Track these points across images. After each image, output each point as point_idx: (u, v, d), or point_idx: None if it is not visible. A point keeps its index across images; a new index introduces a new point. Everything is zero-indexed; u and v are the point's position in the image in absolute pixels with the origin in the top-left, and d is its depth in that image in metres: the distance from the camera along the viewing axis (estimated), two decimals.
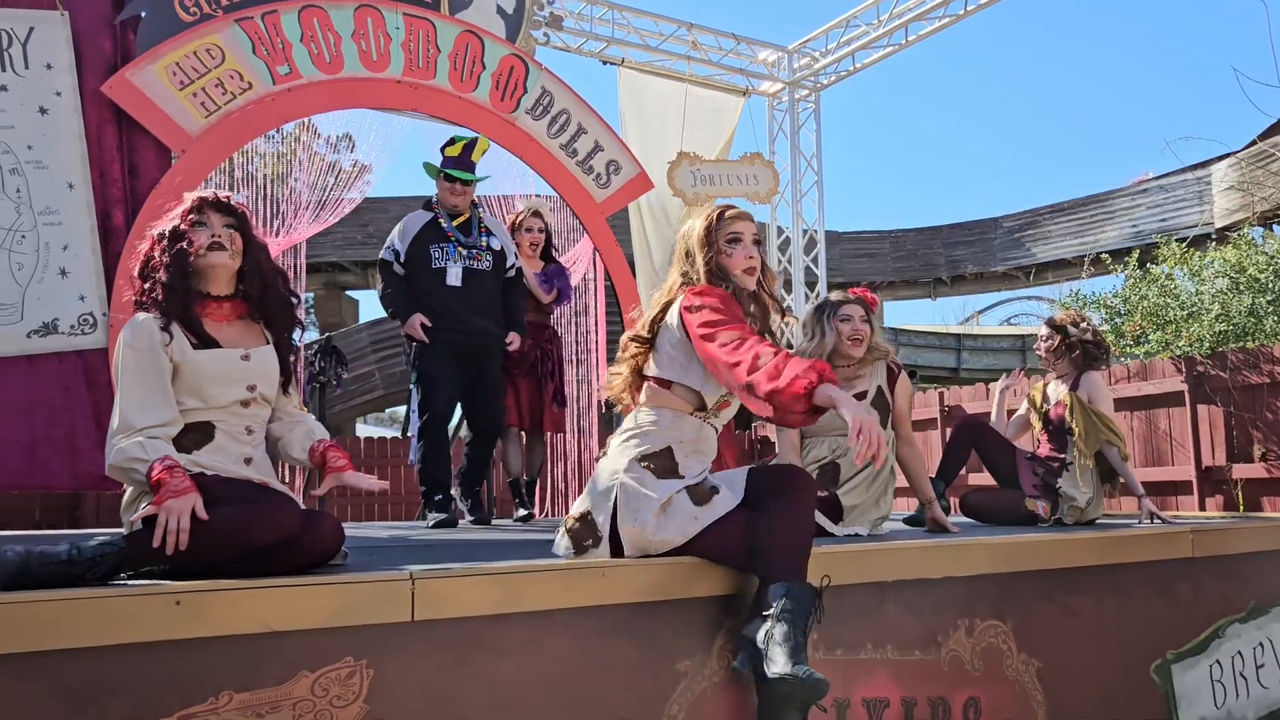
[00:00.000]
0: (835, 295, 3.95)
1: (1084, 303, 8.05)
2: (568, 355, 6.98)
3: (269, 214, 6.90)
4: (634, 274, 7.48)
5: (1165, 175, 17.46)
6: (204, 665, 1.96)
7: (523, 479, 5.45)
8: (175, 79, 5.43)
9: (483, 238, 4.93)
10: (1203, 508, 6.04)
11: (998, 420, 4.91)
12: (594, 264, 7.32)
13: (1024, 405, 4.87)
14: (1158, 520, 4.21)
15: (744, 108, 8.75)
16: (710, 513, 2.47)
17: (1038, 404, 4.68)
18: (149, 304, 2.41)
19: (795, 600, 2.29)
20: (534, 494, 5.51)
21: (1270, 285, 6.88)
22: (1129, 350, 7.47)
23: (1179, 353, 6.83)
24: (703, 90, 8.54)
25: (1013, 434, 4.85)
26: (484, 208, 5.35)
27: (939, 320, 23.00)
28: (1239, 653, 3.69)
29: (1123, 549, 3.43)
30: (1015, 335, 19.34)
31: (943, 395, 8.22)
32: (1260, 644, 3.78)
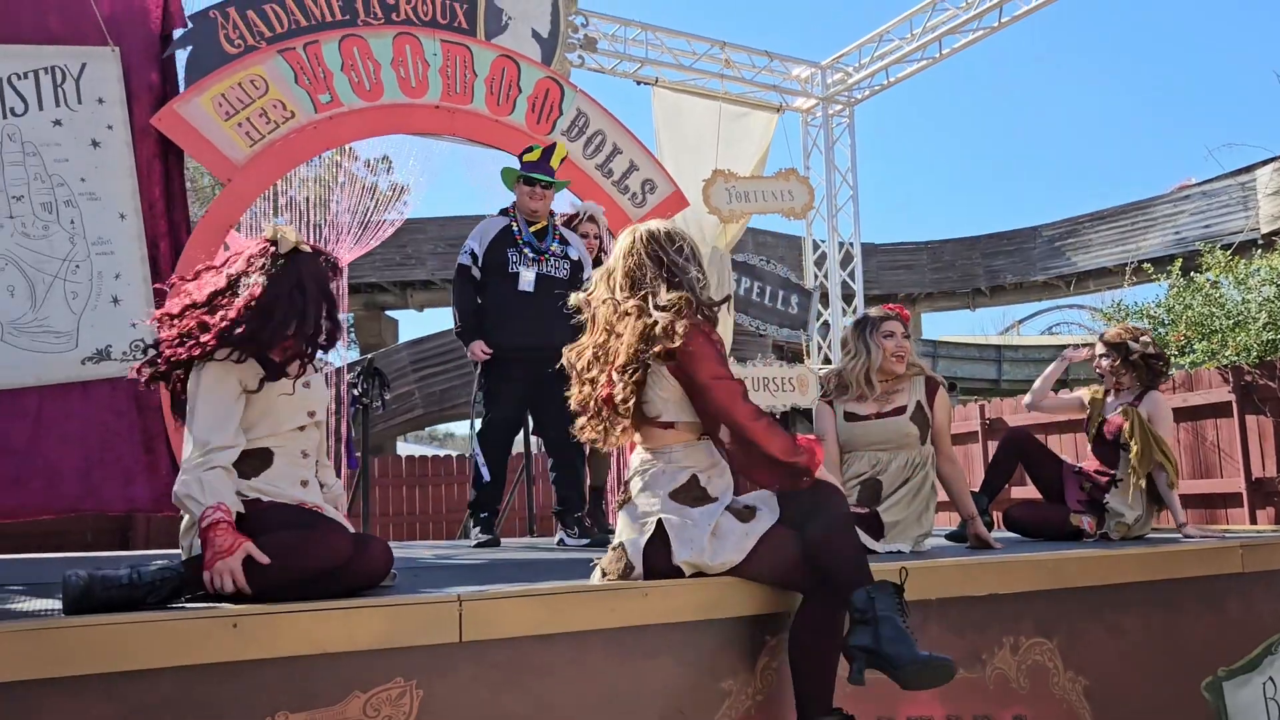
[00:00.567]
0: (874, 311, 3.95)
1: (1127, 312, 7.96)
2: None
3: (311, 239, 7.02)
4: None
5: (1208, 181, 17.22)
6: (261, 686, 2.02)
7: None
8: (221, 110, 5.57)
9: (557, 244, 4.79)
10: (1253, 520, 5.94)
11: (1041, 388, 4.73)
12: None
13: (1084, 394, 4.70)
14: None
15: (778, 124, 8.77)
16: (758, 526, 2.51)
17: (1094, 413, 4.58)
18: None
19: (883, 600, 2.38)
20: (600, 503, 5.26)
21: None
22: (1175, 360, 7.37)
23: (1225, 362, 6.73)
24: (737, 108, 8.57)
25: (1053, 405, 4.77)
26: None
27: (978, 331, 22.81)
28: None
29: (1171, 564, 3.40)
30: (1057, 345, 19.10)
31: (983, 408, 8.16)
32: None
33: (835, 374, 3.99)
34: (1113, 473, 4.36)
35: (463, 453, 14.45)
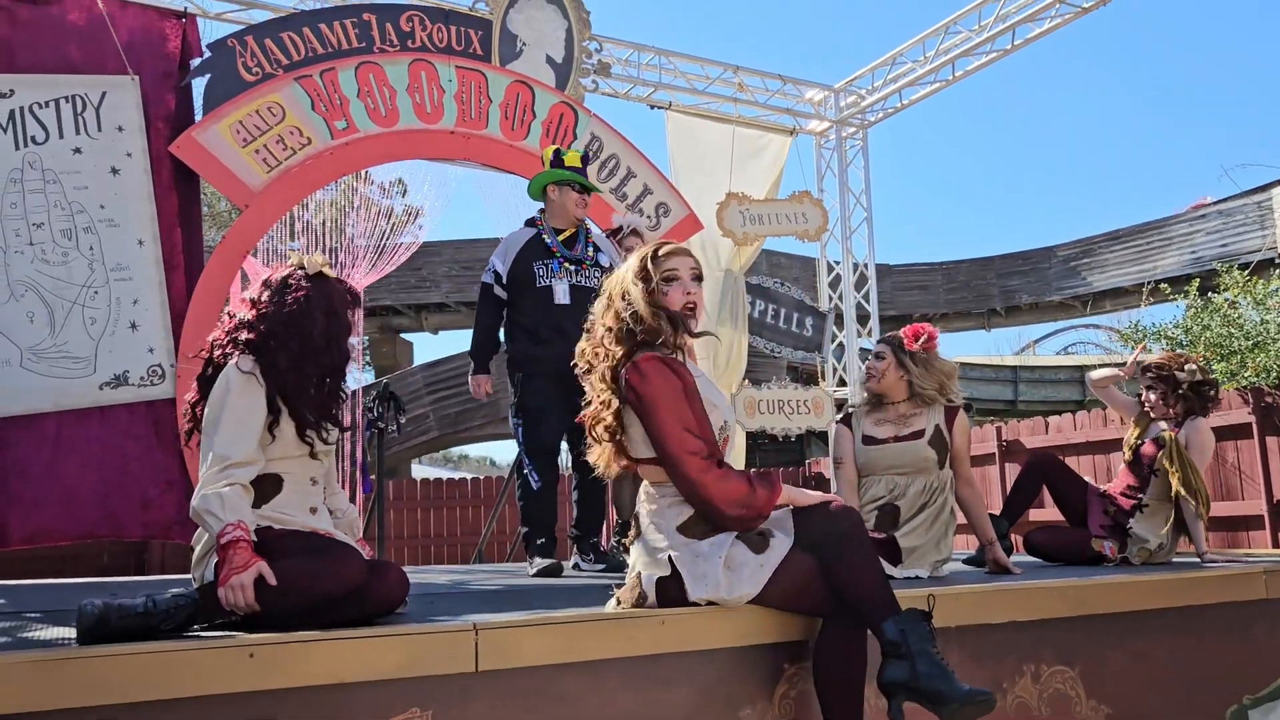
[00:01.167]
0: (891, 334, 3.97)
1: (1145, 333, 7.91)
2: None
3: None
4: None
5: (1224, 200, 17.15)
6: (277, 715, 2.01)
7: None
8: (239, 137, 5.63)
9: (589, 249, 4.58)
10: (1275, 544, 5.86)
11: (1109, 373, 4.57)
12: None
13: (1135, 400, 4.59)
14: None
15: (792, 146, 8.78)
16: (773, 556, 2.47)
17: (1136, 430, 4.49)
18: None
19: (914, 630, 2.36)
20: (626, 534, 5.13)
21: None
22: None
23: (1245, 383, 6.67)
24: (750, 131, 8.59)
25: (1113, 397, 4.64)
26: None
27: (994, 351, 22.69)
28: None
29: (1193, 591, 3.35)
30: (1074, 366, 18.99)
31: (1000, 429, 8.11)
32: None
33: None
34: (1140, 497, 4.31)
35: (477, 474, 14.46)
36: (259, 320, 2.49)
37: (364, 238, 7.44)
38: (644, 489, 2.64)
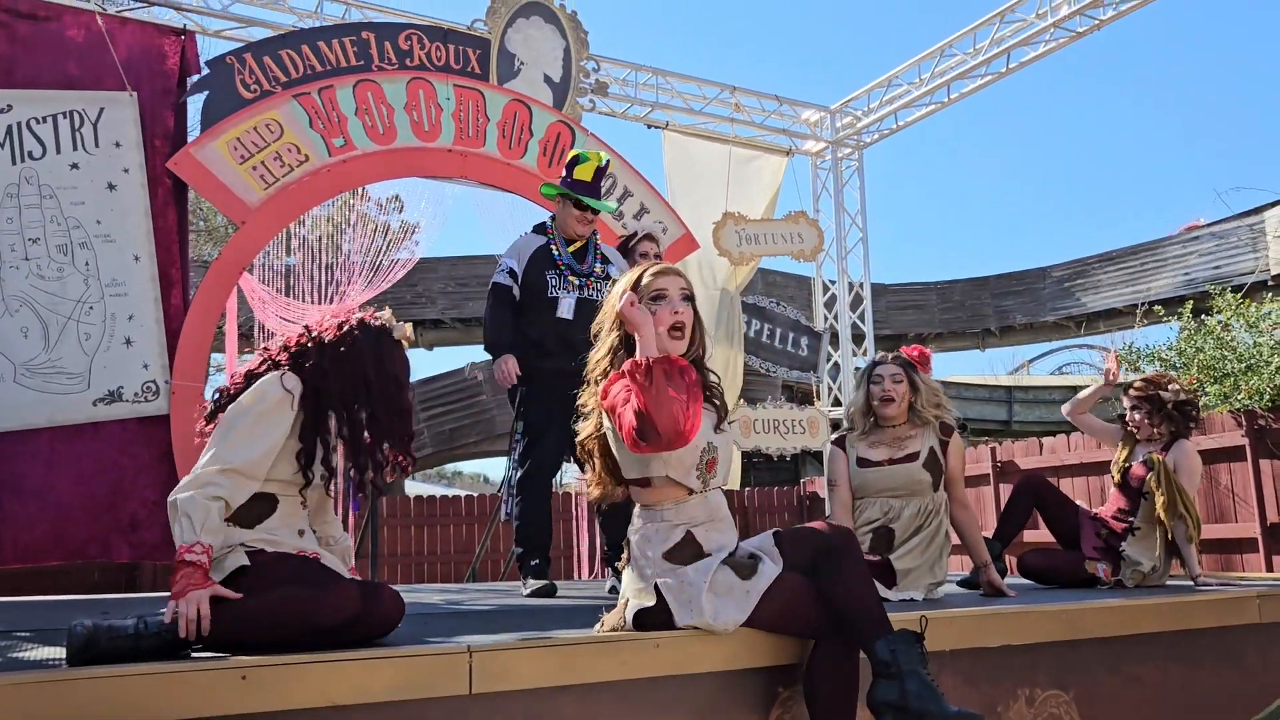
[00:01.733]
0: (879, 356, 3.96)
1: (1139, 355, 7.93)
2: None
3: (323, 280, 7.07)
4: None
5: (1217, 222, 17.23)
6: None
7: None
8: (236, 153, 5.64)
9: (598, 264, 4.39)
10: (1269, 566, 5.87)
11: (1083, 399, 4.52)
12: None
13: (1118, 426, 4.58)
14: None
15: (788, 167, 8.83)
16: (760, 582, 2.45)
17: (1123, 451, 4.49)
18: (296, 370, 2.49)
19: (906, 651, 2.35)
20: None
21: None
22: None
23: (1238, 406, 6.68)
24: (746, 151, 8.63)
25: (1093, 424, 4.62)
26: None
27: (988, 370, 22.71)
28: None
29: (1187, 615, 3.35)
30: (1068, 386, 19.02)
31: (994, 450, 8.11)
32: None
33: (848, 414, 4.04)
34: (1131, 520, 4.31)
35: (471, 492, 14.42)
36: (335, 350, 2.49)
37: (360, 254, 7.44)
38: (634, 513, 2.64)
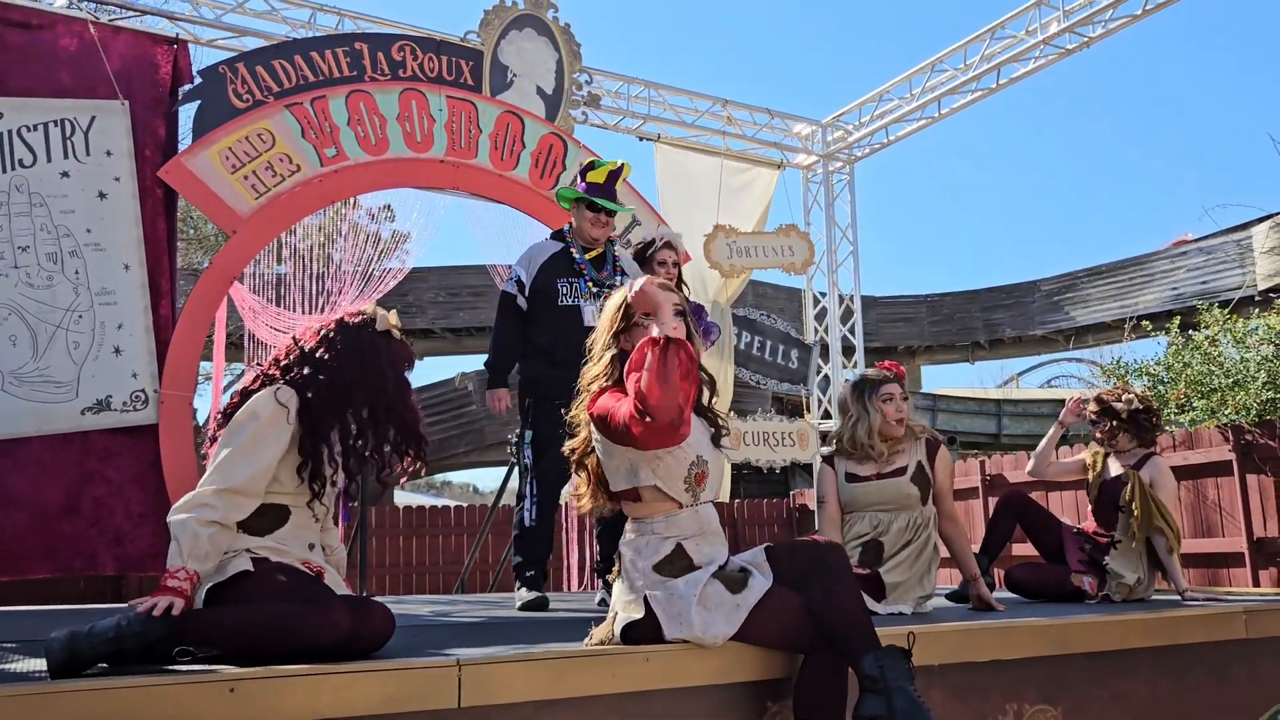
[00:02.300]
0: (873, 373, 3.94)
1: (1126, 370, 7.96)
2: None
3: (314, 290, 7.06)
4: None
5: (1205, 238, 17.35)
6: None
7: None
8: (228, 163, 5.64)
9: (617, 276, 4.35)
10: (1256, 582, 5.89)
11: (1043, 453, 4.72)
12: None
13: (1087, 454, 4.72)
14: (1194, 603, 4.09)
15: (779, 180, 8.86)
16: (750, 596, 2.46)
17: (1093, 472, 4.58)
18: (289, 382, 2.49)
19: (893, 666, 2.35)
20: None
21: None
22: (1176, 419, 7.36)
23: (1225, 421, 6.72)
24: (738, 164, 8.67)
25: (1057, 471, 4.79)
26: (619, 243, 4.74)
27: (977, 383, 22.82)
28: None
29: (1174, 630, 3.37)
30: (1057, 399, 19.10)
31: (984, 463, 8.13)
32: None
33: (836, 436, 3.98)
34: (1111, 534, 4.34)
35: (460, 502, 14.37)
36: (316, 357, 2.49)
37: (351, 263, 7.44)
38: (626, 526, 2.64)
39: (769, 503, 10.94)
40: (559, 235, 4.44)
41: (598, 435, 2.56)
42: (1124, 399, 4.51)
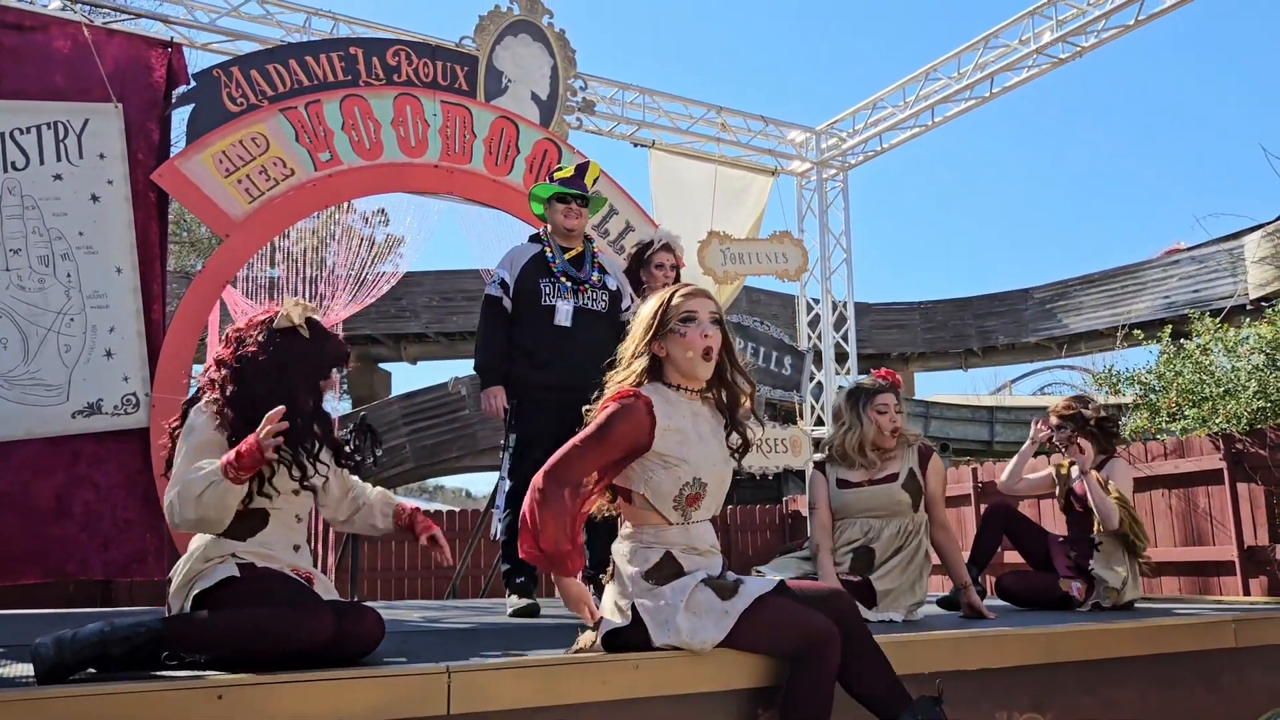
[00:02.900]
0: (868, 382, 3.94)
1: (1118, 378, 7.98)
2: None
3: (307, 294, 7.04)
4: None
5: (1197, 246, 17.44)
6: None
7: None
8: (221, 167, 5.63)
9: (595, 273, 4.32)
10: (1246, 590, 5.91)
11: (1015, 469, 4.83)
12: None
13: (1048, 470, 4.84)
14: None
15: (773, 187, 8.88)
16: (740, 602, 2.44)
17: (1062, 485, 4.67)
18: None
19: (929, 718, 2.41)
20: None
21: None
22: (1165, 427, 7.38)
23: (1216, 430, 6.74)
24: (732, 170, 8.68)
25: (1027, 487, 4.89)
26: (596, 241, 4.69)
27: (970, 390, 22.87)
28: None
29: (1163, 639, 3.37)
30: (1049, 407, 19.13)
31: (976, 471, 8.14)
32: None
33: (828, 444, 3.97)
34: (1091, 537, 4.40)
35: (453, 507, 14.34)
36: (228, 362, 2.49)
37: (344, 268, 7.43)
38: (620, 531, 2.64)
39: (761, 508, 10.95)
40: (536, 238, 4.43)
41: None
42: (1091, 406, 4.62)
